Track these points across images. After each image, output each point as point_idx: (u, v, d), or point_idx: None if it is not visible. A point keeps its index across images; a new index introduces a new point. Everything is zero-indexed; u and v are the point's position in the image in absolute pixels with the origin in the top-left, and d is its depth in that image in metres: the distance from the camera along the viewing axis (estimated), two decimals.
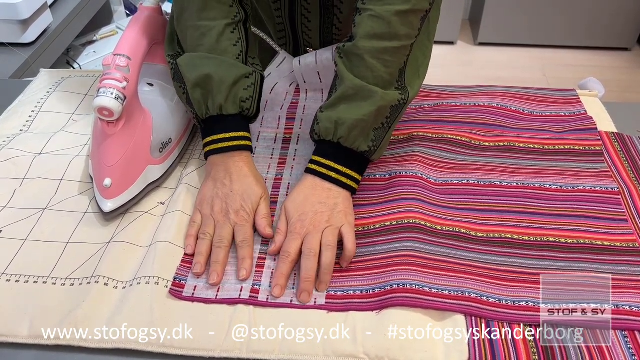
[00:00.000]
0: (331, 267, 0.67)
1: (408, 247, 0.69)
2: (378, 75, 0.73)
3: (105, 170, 0.73)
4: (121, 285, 0.66)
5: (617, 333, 0.61)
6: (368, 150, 0.74)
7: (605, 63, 2.86)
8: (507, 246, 0.71)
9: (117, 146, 0.73)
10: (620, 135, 0.88)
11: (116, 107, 0.69)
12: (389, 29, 0.72)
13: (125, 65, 0.71)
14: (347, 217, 0.72)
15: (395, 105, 0.74)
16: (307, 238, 0.69)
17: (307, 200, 0.72)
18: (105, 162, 0.73)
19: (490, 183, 0.79)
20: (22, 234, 0.73)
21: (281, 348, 0.60)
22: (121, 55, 0.72)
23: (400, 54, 0.74)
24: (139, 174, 0.75)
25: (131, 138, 0.74)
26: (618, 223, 0.73)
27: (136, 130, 0.75)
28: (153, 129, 0.77)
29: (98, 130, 0.74)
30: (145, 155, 0.76)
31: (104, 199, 0.73)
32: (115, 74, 0.71)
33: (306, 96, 0.96)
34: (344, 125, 0.72)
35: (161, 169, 0.80)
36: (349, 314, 0.63)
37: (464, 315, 0.63)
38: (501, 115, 0.91)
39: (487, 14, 2.84)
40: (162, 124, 0.80)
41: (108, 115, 0.70)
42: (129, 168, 0.74)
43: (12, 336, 0.62)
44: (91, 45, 1.88)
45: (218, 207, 0.73)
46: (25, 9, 1.35)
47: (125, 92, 0.70)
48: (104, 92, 0.69)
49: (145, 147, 0.76)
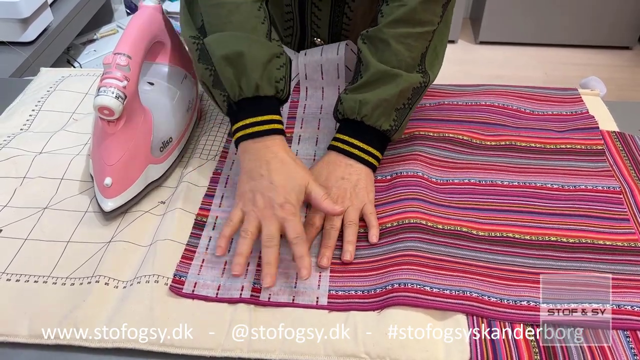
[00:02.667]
0: (354, 240, 0.71)
1: (409, 247, 0.69)
2: (402, 60, 0.77)
3: (106, 169, 0.72)
4: (122, 285, 0.66)
5: (619, 333, 0.61)
6: (389, 129, 0.78)
7: (607, 62, 2.86)
8: (509, 245, 0.70)
9: (117, 145, 0.73)
10: (622, 134, 0.88)
11: (116, 106, 0.69)
12: (414, 15, 0.77)
13: (125, 64, 0.71)
14: (368, 195, 0.75)
15: (417, 87, 0.78)
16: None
17: (330, 175, 0.76)
18: (106, 161, 0.72)
19: (491, 182, 0.79)
20: (23, 233, 0.73)
21: (282, 347, 0.60)
22: (122, 54, 0.71)
23: (423, 39, 0.78)
24: (139, 173, 0.75)
25: (132, 137, 0.74)
26: (620, 222, 0.73)
27: (137, 130, 0.74)
28: (154, 127, 0.77)
29: (98, 129, 0.74)
30: (146, 154, 0.76)
31: (105, 198, 0.73)
32: (115, 72, 0.70)
33: (306, 94, 0.96)
34: (367, 104, 0.76)
35: (162, 168, 0.79)
36: (350, 314, 0.63)
37: (465, 315, 0.62)
38: (502, 114, 0.91)
39: (488, 12, 2.84)
40: (162, 122, 0.79)
41: (108, 115, 0.70)
42: (130, 167, 0.74)
43: (12, 336, 0.61)
44: (91, 44, 1.88)
45: (261, 202, 0.68)
46: (25, 8, 1.35)
47: (125, 91, 0.70)
48: (104, 91, 0.69)
49: (145, 146, 0.76)
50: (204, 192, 0.78)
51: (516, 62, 2.85)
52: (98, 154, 0.74)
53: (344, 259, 0.69)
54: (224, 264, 0.69)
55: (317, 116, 0.91)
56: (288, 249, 0.70)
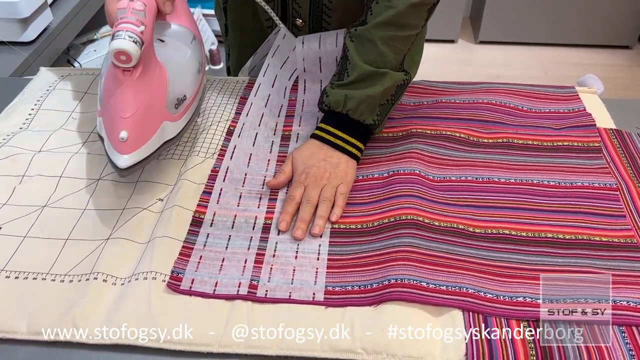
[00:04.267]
0: (326, 216, 0.74)
1: (406, 243, 0.69)
2: (388, 60, 0.81)
3: (121, 122, 0.67)
4: (119, 282, 0.66)
5: (616, 333, 0.61)
6: (373, 124, 0.82)
7: (606, 61, 2.86)
8: (505, 242, 0.71)
9: (133, 96, 0.68)
10: (619, 132, 0.88)
11: (135, 50, 0.64)
12: (402, 19, 0.80)
13: (142, 9, 0.66)
14: (346, 177, 0.79)
15: (400, 84, 0.83)
16: (308, 189, 0.77)
17: (313, 155, 0.81)
18: (121, 113, 0.68)
19: (488, 179, 0.79)
20: (22, 230, 0.73)
21: (278, 343, 0.60)
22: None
23: (408, 41, 0.83)
24: (155, 129, 0.71)
25: (148, 89, 0.69)
26: (616, 219, 0.73)
27: (152, 82, 0.70)
28: (169, 83, 0.73)
29: (111, 80, 0.69)
30: (162, 110, 0.72)
31: (120, 154, 0.68)
32: (131, 17, 0.65)
33: (304, 88, 0.96)
34: (353, 99, 0.80)
35: (177, 126, 0.76)
36: (347, 310, 0.63)
37: (462, 312, 0.63)
38: (500, 112, 0.91)
39: (487, 12, 2.84)
40: (176, 79, 0.75)
41: (125, 61, 0.65)
42: (146, 121, 0.70)
43: (12, 332, 0.62)
44: (91, 44, 1.88)
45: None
46: (25, 8, 1.35)
47: (143, 37, 0.65)
48: (121, 35, 0.64)
49: (161, 101, 0.72)
50: (202, 190, 0.78)
51: (516, 62, 2.86)
52: (111, 106, 0.69)
53: (313, 232, 0.73)
54: (222, 260, 0.69)
55: (315, 114, 0.92)
56: (285, 246, 0.71)
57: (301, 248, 0.71)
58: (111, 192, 0.78)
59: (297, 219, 0.74)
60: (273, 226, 0.74)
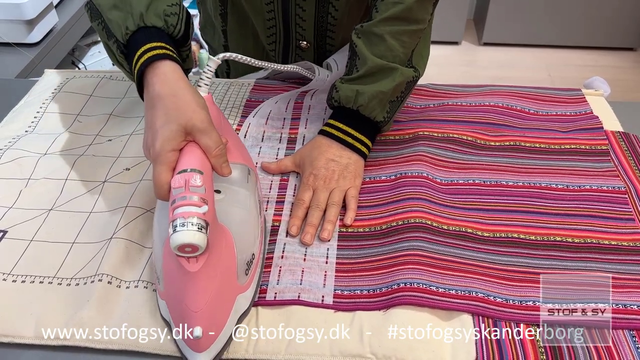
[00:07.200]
0: (334, 220, 0.74)
1: (415, 247, 0.69)
2: (396, 55, 0.80)
3: (192, 317, 0.57)
4: (124, 285, 0.66)
5: (626, 336, 0.61)
6: (383, 121, 0.81)
7: (611, 63, 2.85)
8: (514, 246, 0.70)
9: (202, 285, 0.57)
10: (626, 135, 0.88)
11: (202, 241, 0.53)
12: (410, 14, 0.80)
13: (200, 185, 0.55)
14: (355, 180, 0.78)
15: (410, 81, 0.82)
16: (316, 193, 0.76)
17: (320, 156, 0.79)
18: (191, 306, 0.57)
19: (496, 183, 0.79)
20: (28, 234, 0.73)
21: (287, 348, 0.60)
22: (193, 170, 0.56)
23: (415, 36, 0.82)
24: (229, 310, 0.60)
25: (217, 269, 0.58)
26: (625, 222, 0.73)
27: (220, 258, 0.59)
28: (236, 249, 0.62)
29: (171, 261, 0.58)
30: (233, 284, 0.61)
31: (196, 352, 0.58)
32: (192, 197, 0.54)
33: (312, 96, 0.96)
34: (364, 95, 0.79)
35: (249, 297, 0.63)
36: (356, 314, 0.63)
37: (471, 315, 0.62)
38: (507, 115, 0.91)
39: (491, 13, 2.84)
40: (243, 239, 0.64)
41: (191, 252, 0.54)
42: (219, 307, 0.59)
43: (18, 336, 0.62)
44: (96, 46, 1.89)
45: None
46: (30, 9, 1.36)
47: (207, 218, 0.54)
48: (184, 225, 0.53)
49: (231, 274, 0.61)
50: None
51: (520, 64, 2.85)
52: (175, 294, 0.59)
53: (321, 236, 0.72)
54: None
55: (321, 116, 0.91)
56: (294, 247, 0.71)
57: (309, 251, 0.71)
58: (117, 195, 0.78)
59: (306, 224, 0.73)
60: (281, 229, 0.73)
